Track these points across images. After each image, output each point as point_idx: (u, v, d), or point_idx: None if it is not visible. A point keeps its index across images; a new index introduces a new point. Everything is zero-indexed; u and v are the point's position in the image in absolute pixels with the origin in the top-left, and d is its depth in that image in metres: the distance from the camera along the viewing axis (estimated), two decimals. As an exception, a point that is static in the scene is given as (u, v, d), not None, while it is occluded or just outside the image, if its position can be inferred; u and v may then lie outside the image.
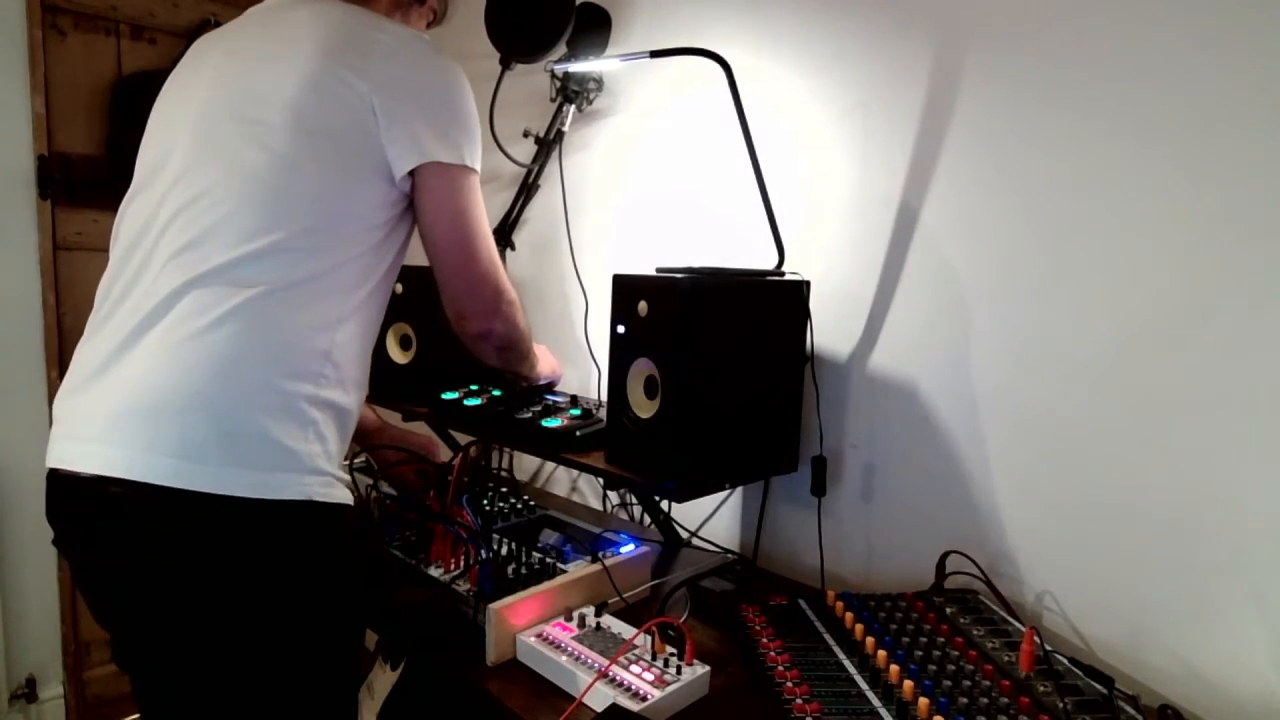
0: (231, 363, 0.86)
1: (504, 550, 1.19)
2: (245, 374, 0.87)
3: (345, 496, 0.96)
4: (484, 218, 1.05)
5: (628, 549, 1.20)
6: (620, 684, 0.89)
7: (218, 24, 1.75)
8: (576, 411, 1.41)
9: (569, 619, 1.03)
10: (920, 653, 0.95)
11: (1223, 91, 0.95)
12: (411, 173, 0.98)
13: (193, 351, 0.86)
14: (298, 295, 0.91)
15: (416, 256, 1.09)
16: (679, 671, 0.92)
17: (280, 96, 0.93)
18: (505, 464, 1.91)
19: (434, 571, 1.16)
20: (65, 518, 0.92)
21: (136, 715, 1.02)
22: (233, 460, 0.85)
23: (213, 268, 0.89)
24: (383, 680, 1.40)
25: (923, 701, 0.83)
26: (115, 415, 0.86)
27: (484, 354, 1.14)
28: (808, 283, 1.27)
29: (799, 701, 0.85)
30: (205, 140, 0.95)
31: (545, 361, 1.41)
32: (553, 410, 1.43)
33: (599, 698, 0.88)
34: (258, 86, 0.95)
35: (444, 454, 1.41)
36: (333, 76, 0.93)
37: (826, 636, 1.00)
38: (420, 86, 0.99)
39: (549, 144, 1.71)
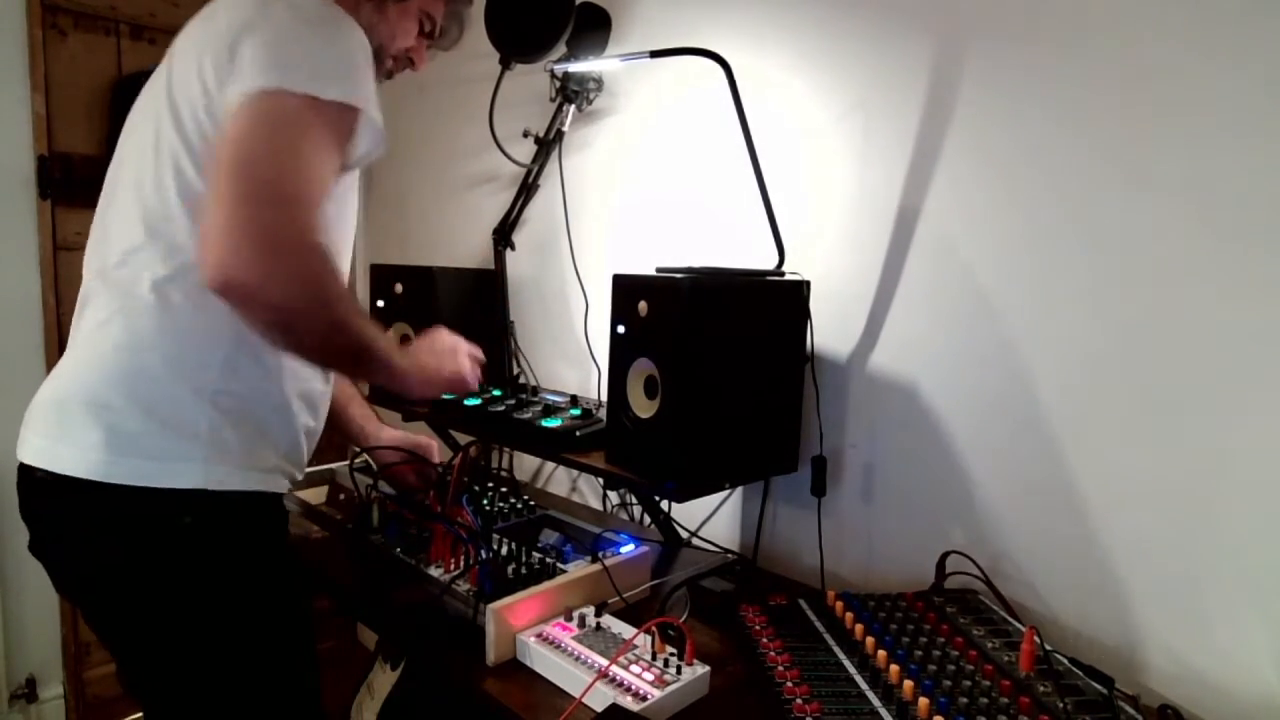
0: (126, 352, 0.90)
1: (504, 550, 1.19)
2: (140, 365, 0.90)
3: (253, 482, 0.95)
4: (287, 146, 0.83)
5: (628, 549, 1.20)
6: (620, 684, 0.89)
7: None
8: (576, 411, 1.41)
9: (569, 619, 1.02)
10: (920, 653, 0.95)
11: (1224, 90, 0.95)
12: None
13: (92, 345, 0.93)
14: (185, 285, 0.91)
15: (417, 256, 1.09)
16: (679, 671, 0.92)
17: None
18: (505, 464, 1.91)
19: (434, 571, 1.16)
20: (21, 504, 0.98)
21: (137, 715, 1.04)
22: (126, 450, 0.88)
23: (110, 264, 0.93)
24: (383, 680, 1.40)
25: (923, 701, 0.83)
26: (37, 405, 0.95)
27: (256, 329, 0.87)
28: (808, 283, 1.27)
29: (799, 701, 0.85)
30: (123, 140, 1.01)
31: (424, 356, 1.09)
32: (553, 410, 1.43)
33: (599, 698, 0.88)
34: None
35: (439, 454, 1.40)
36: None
37: (826, 636, 1.00)
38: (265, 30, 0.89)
39: (549, 144, 1.71)
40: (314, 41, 0.88)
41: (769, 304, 1.23)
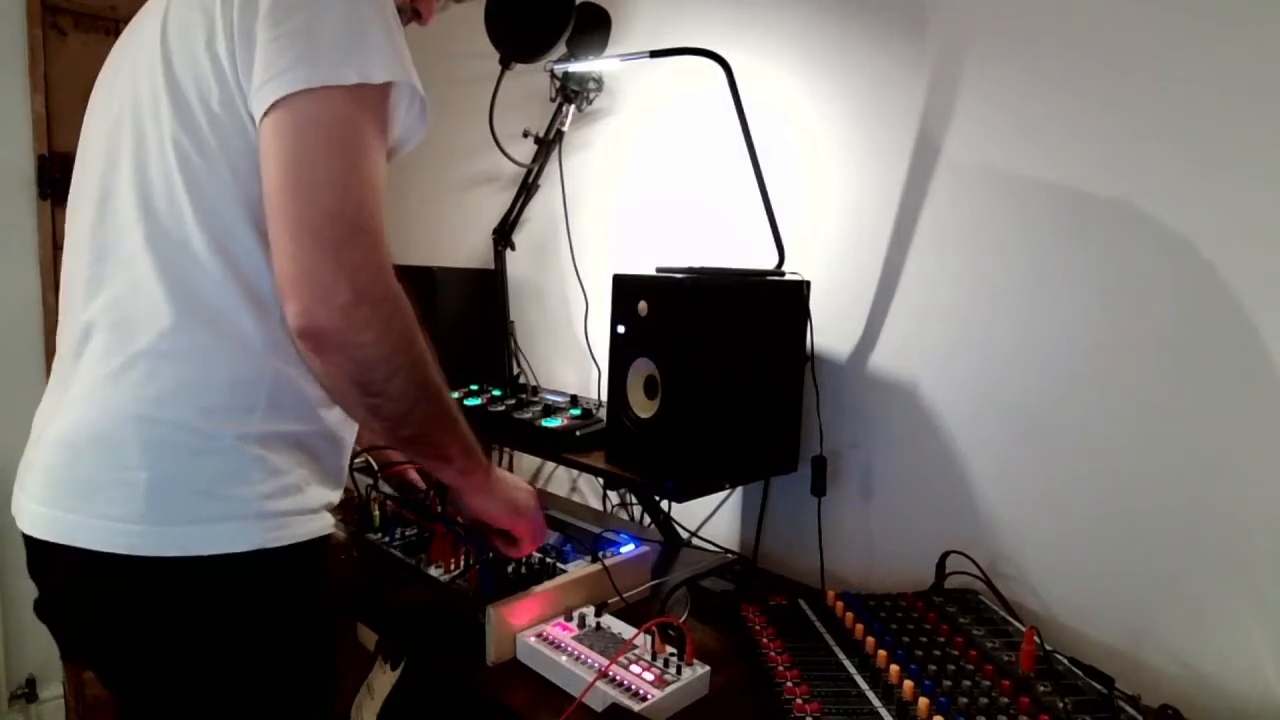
0: (149, 405, 0.75)
1: (504, 550, 1.19)
2: (166, 415, 0.75)
3: (307, 530, 0.82)
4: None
5: (628, 549, 1.20)
6: (620, 684, 0.89)
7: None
8: (576, 411, 1.41)
9: (569, 619, 1.02)
10: (920, 653, 0.95)
11: (1227, 89, 0.95)
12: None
13: (105, 395, 0.76)
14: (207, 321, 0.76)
15: (416, 256, 1.09)
16: (679, 671, 0.92)
17: None
18: (505, 464, 1.91)
19: (434, 571, 1.16)
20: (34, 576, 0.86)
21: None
22: (163, 518, 0.74)
23: (116, 295, 0.78)
24: (383, 680, 1.40)
25: (923, 701, 0.83)
26: (38, 466, 0.80)
27: (334, 384, 0.76)
28: (808, 283, 1.27)
29: (799, 701, 0.85)
30: None
31: (504, 485, 0.98)
32: (553, 410, 1.43)
33: (599, 698, 0.88)
34: None
35: None
36: None
37: (826, 636, 1.00)
38: None
39: (549, 144, 1.71)
40: (345, 15, 0.73)
41: (769, 304, 1.23)
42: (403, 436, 0.82)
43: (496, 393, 1.58)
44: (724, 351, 1.15)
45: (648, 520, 1.52)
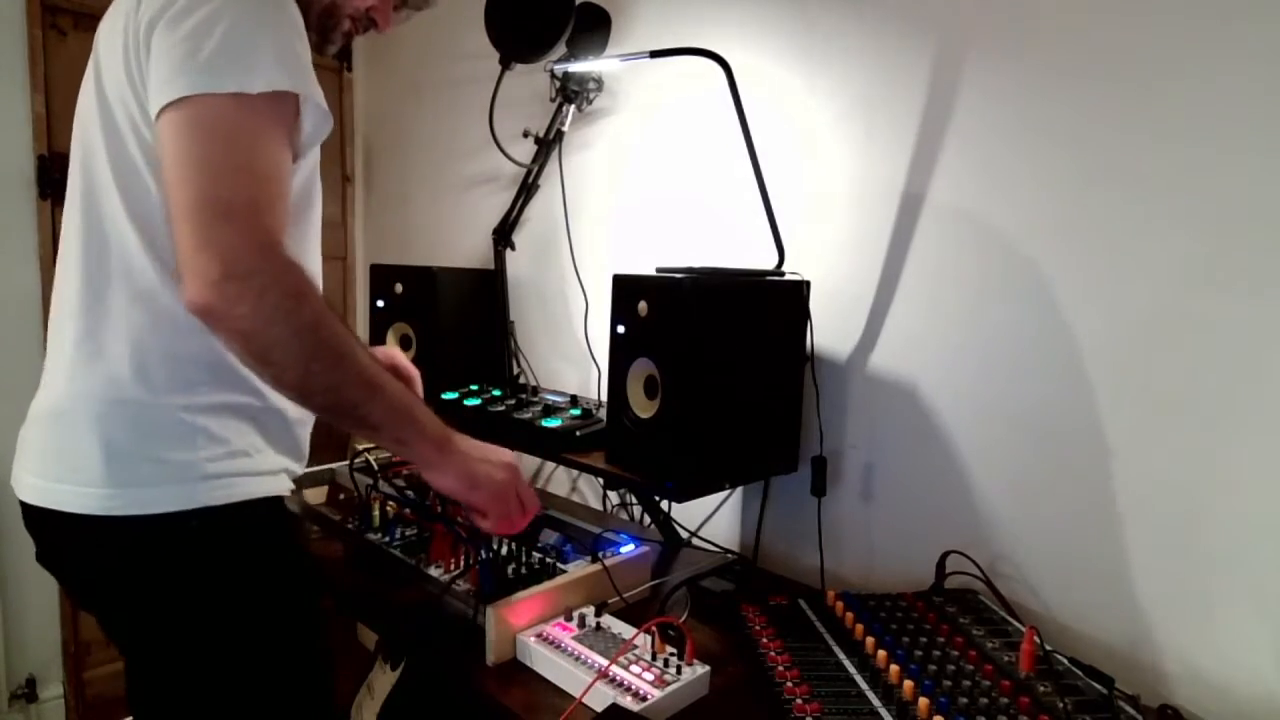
0: (106, 383, 0.87)
1: (504, 550, 1.19)
2: (122, 393, 0.86)
3: (250, 490, 0.91)
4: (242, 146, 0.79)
5: (628, 549, 1.20)
6: (620, 684, 0.89)
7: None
8: (576, 411, 1.41)
9: (569, 619, 1.02)
10: (920, 653, 0.95)
11: (1227, 89, 0.95)
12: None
13: (75, 371, 0.89)
14: (148, 299, 0.87)
15: (416, 256, 1.09)
16: (679, 671, 0.92)
17: None
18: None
19: (434, 571, 1.16)
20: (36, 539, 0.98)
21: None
22: (121, 481, 0.85)
23: (88, 279, 0.89)
24: (383, 680, 1.40)
25: (923, 701, 0.83)
26: (26, 441, 0.94)
27: (237, 357, 0.83)
28: (808, 283, 1.27)
29: (799, 701, 0.85)
30: None
31: (464, 457, 0.93)
32: (553, 410, 1.43)
33: (599, 698, 0.88)
34: None
35: None
36: None
37: (826, 636, 1.00)
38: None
39: (549, 144, 1.71)
40: (230, 26, 0.79)
41: (769, 304, 1.23)
42: (316, 405, 0.85)
43: (496, 393, 1.58)
44: (724, 352, 1.15)
45: (648, 520, 1.52)
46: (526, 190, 1.76)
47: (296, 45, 0.84)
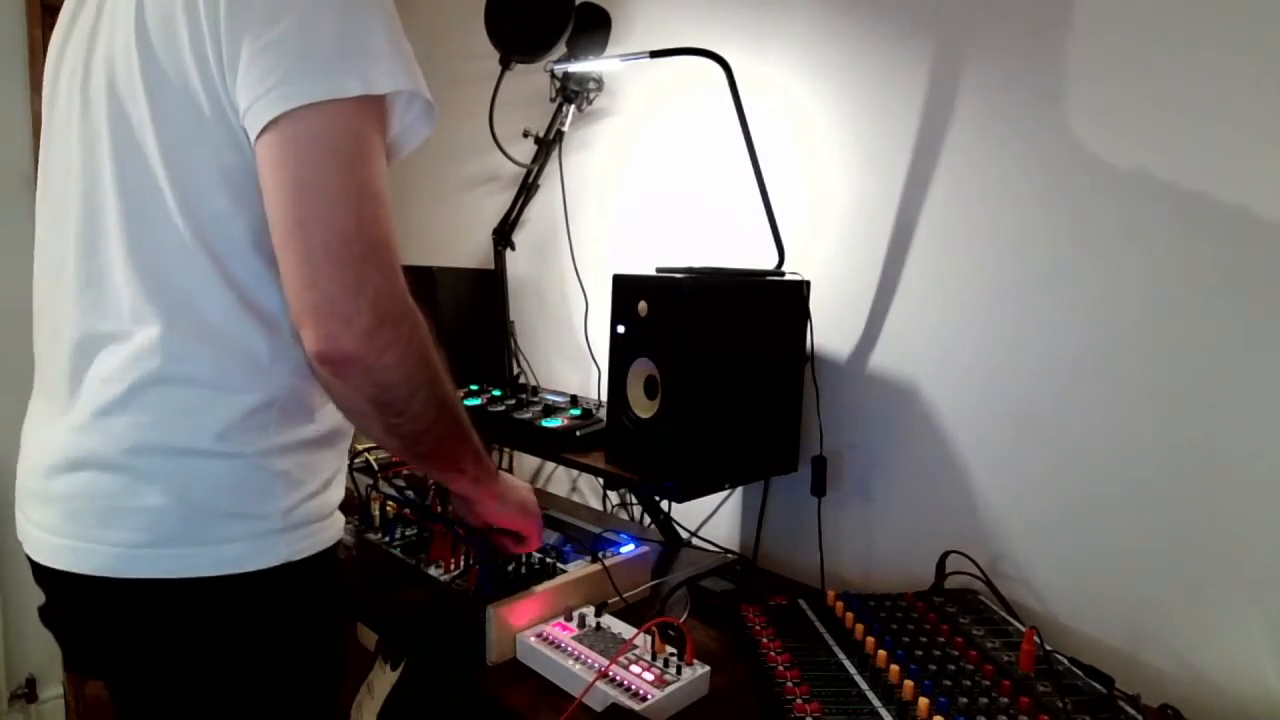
0: (164, 432, 0.73)
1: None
2: (179, 445, 0.73)
3: (329, 537, 0.83)
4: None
5: (628, 549, 1.20)
6: (620, 684, 0.89)
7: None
8: (576, 411, 1.41)
9: (569, 619, 1.02)
10: (920, 653, 0.95)
11: (1226, 91, 0.95)
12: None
13: (109, 424, 0.74)
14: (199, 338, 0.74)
15: (416, 256, 1.09)
16: (679, 671, 0.92)
17: None
18: (505, 464, 1.91)
19: (434, 571, 1.16)
20: (49, 600, 0.86)
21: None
22: (198, 539, 0.73)
23: (118, 319, 0.75)
24: (383, 680, 1.40)
25: (923, 701, 0.83)
26: (49, 499, 0.77)
27: (354, 405, 0.74)
28: (808, 283, 1.27)
29: (799, 701, 0.85)
30: None
31: (511, 488, 0.98)
32: (553, 410, 1.43)
33: (599, 698, 0.88)
34: None
35: None
36: None
37: (826, 636, 1.00)
38: None
39: (549, 144, 1.71)
40: (340, 9, 0.67)
41: (769, 304, 1.23)
42: (419, 453, 0.80)
43: (496, 393, 1.58)
44: (724, 351, 1.15)
45: (648, 520, 1.52)
46: (526, 190, 1.76)
47: (402, 34, 0.73)
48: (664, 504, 1.47)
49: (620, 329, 1.18)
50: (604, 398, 1.34)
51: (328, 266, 0.66)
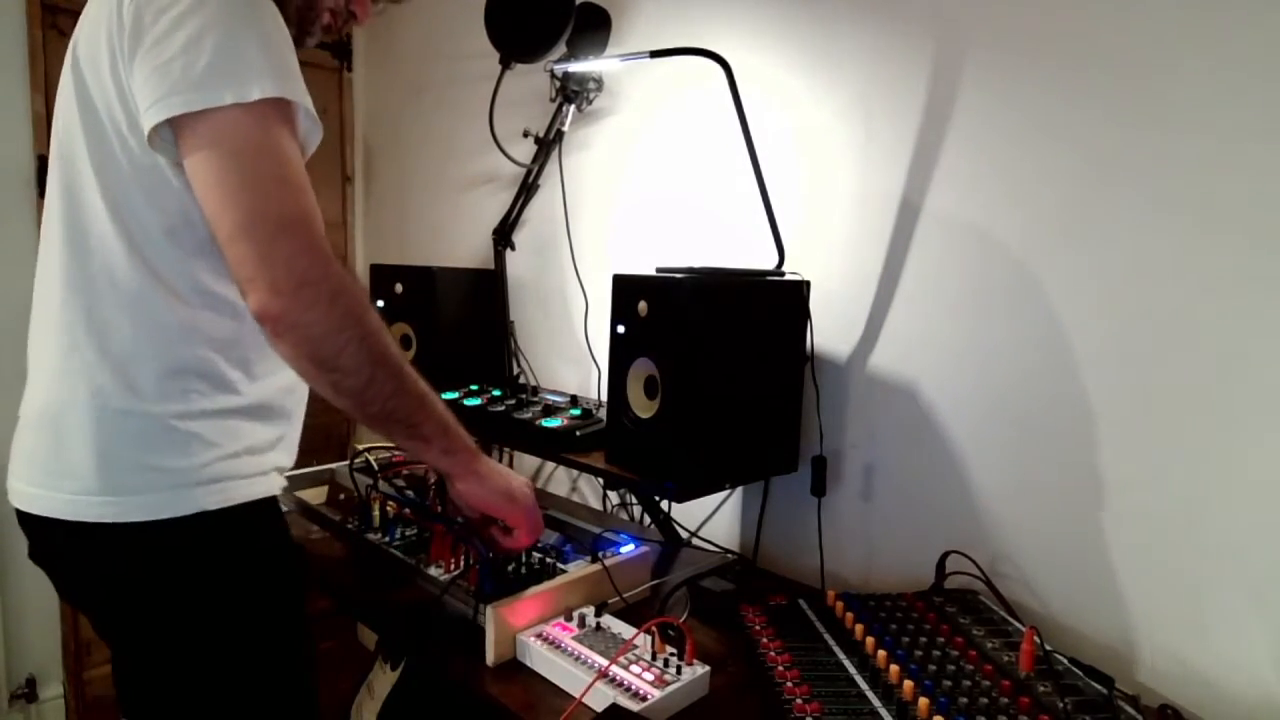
0: (95, 392, 0.86)
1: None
2: (112, 401, 0.86)
3: (245, 493, 0.91)
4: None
5: (628, 549, 1.20)
6: (620, 684, 0.89)
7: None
8: (576, 411, 1.41)
9: (569, 619, 1.02)
10: (920, 653, 0.95)
11: (1225, 89, 0.95)
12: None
13: (65, 385, 0.88)
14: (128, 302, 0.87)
15: (416, 256, 1.09)
16: (679, 671, 0.92)
17: None
18: (505, 464, 1.91)
19: (434, 571, 1.16)
20: (31, 542, 0.98)
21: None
22: (116, 489, 0.85)
23: (59, 294, 0.89)
24: (383, 680, 1.40)
25: (923, 701, 0.83)
26: (18, 450, 0.93)
27: (297, 364, 0.84)
28: (808, 283, 1.27)
29: (799, 701, 0.85)
30: None
31: (497, 472, 1.00)
32: (553, 410, 1.43)
33: (599, 698, 0.88)
34: None
35: None
36: None
37: (826, 636, 1.00)
38: None
39: (549, 144, 1.71)
40: (219, 35, 0.79)
41: (769, 304, 1.23)
42: (371, 414, 0.86)
43: (496, 393, 1.58)
44: (724, 351, 1.15)
45: (648, 520, 1.52)
46: (526, 190, 1.76)
47: (283, 48, 0.84)
48: (664, 504, 1.47)
49: (620, 329, 1.18)
50: (604, 398, 1.34)
51: (246, 244, 0.78)
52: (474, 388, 1.63)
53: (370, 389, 0.84)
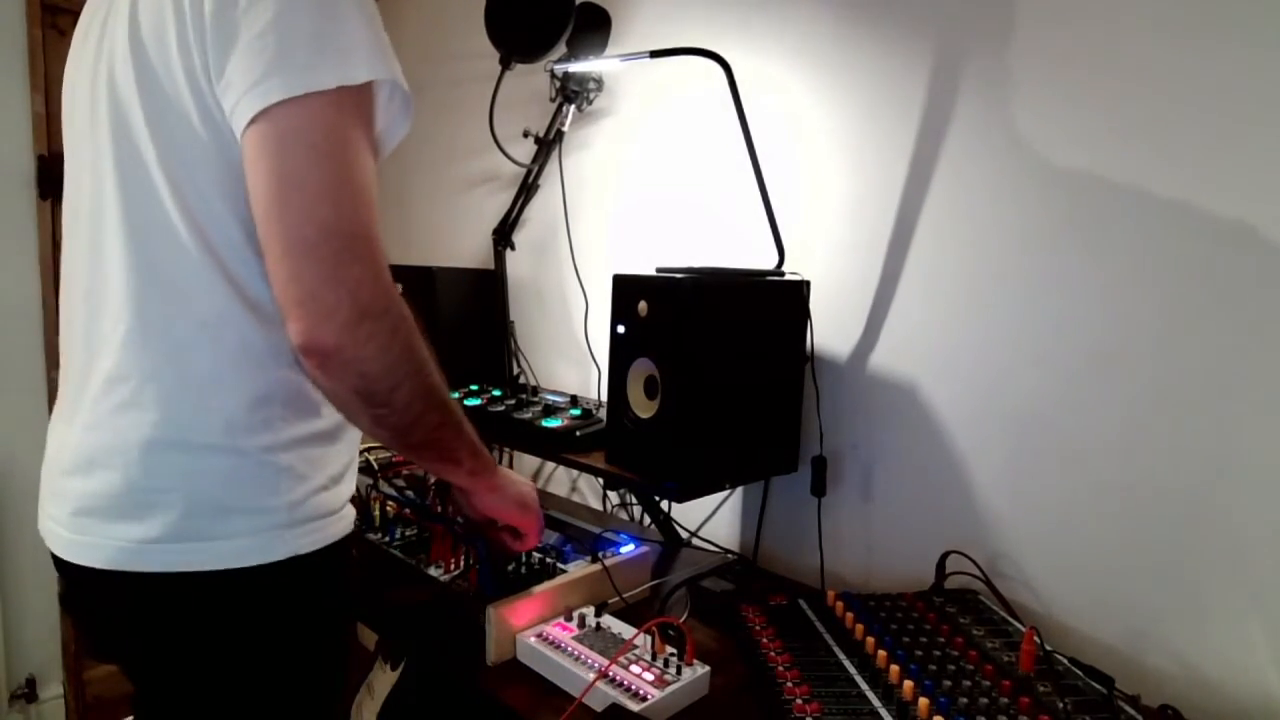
0: (169, 429, 0.74)
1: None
2: (189, 436, 0.74)
3: (335, 532, 0.83)
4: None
5: (628, 549, 1.20)
6: (620, 684, 0.89)
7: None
8: (576, 411, 1.41)
9: (569, 619, 1.02)
10: (920, 653, 0.95)
11: (1227, 89, 0.95)
12: None
13: (125, 419, 0.75)
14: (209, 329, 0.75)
15: (416, 256, 1.09)
16: (679, 671, 0.92)
17: None
18: (505, 464, 1.91)
19: (434, 571, 1.16)
20: (68, 590, 0.86)
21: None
22: (203, 535, 0.74)
23: (114, 313, 0.76)
24: (383, 680, 1.40)
25: (923, 701, 0.83)
26: (65, 496, 0.79)
27: (339, 397, 0.74)
28: (808, 283, 1.27)
29: (799, 701, 0.85)
30: None
31: (510, 482, 0.98)
32: (553, 410, 1.43)
33: (599, 698, 0.88)
34: None
35: None
36: None
37: (826, 636, 1.00)
38: None
39: (549, 144, 1.71)
40: (317, 7, 0.68)
41: (769, 304, 1.23)
42: (410, 444, 0.81)
43: (496, 393, 1.58)
44: (724, 351, 1.15)
45: (648, 520, 1.52)
46: (526, 190, 1.76)
47: (378, 21, 0.73)
48: (664, 504, 1.47)
49: (620, 329, 1.18)
50: (604, 398, 1.34)
51: (308, 260, 0.66)
52: (474, 388, 1.63)
53: (417, 424, 0.77)
